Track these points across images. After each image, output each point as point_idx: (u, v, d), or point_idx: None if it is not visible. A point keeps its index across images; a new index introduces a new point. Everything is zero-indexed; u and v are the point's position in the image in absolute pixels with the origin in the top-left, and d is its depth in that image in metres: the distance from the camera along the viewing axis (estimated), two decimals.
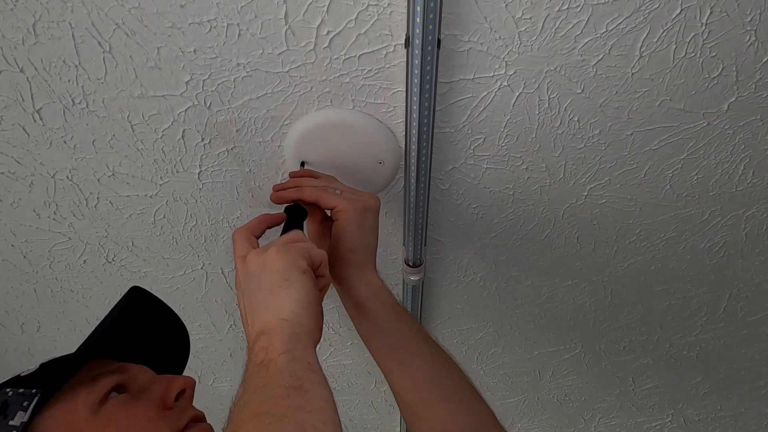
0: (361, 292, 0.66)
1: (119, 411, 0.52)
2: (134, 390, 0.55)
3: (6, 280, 0.98)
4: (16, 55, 0.62)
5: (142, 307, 0.64)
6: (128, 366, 0.58)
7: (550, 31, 0.61)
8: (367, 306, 0.65)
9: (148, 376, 0.58)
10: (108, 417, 0.51)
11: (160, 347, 0.67)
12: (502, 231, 0.91)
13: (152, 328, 0.67)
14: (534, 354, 1.25)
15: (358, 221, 0.67)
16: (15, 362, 1.23)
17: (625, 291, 1.05)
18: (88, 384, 0.52)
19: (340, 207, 0.66)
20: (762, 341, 1.20)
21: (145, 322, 0.66)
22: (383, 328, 0.65)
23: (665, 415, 1.49)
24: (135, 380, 0.56)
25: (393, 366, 0.64)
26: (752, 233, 0.92)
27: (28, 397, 0.51)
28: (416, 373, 0.63)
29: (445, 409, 0.61)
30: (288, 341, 0.48)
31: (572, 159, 0.78)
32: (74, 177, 0.78)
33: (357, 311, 0.66)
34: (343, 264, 0.66)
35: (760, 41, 0.62)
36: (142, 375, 0.58)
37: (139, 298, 0.64)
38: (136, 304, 0.63)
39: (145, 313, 0.65)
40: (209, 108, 0.69)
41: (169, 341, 0.68)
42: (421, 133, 0.67)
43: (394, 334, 0.65)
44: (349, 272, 0.66)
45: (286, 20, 0.59)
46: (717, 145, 0.76)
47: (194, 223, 0.87)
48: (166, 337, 0.68)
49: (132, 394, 0.55)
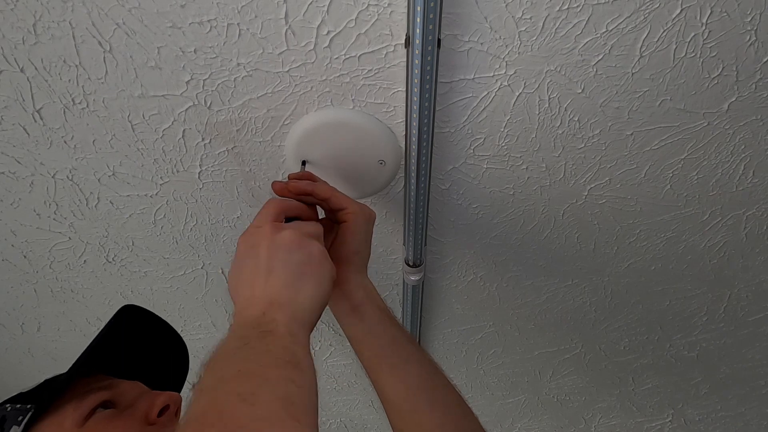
0: (358, 295, 0.66)
1: (102, 426, 0.53)
2: (121, 406, 0.57)
3: (6, 280, 0.98)
4: (17, 55, 0.62)
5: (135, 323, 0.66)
6: (119, 382, 0.59)
7: (551, 31, 0.61)
8: (363, 309, 0.65)
9: (137, 392, 0.59)
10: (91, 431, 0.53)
11: (157, 363, 0.68)
12: (502, 231, 0.91)
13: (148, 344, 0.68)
14: (534, 354, 1.25)
15: (365, 227, 0.67)
16: (15, 362, 1.23)
17: (625, 291, 1.05)
18: (76, 400, 0.54)
19: (351, 209, 0.65)
20: (762, 341, 1.20)
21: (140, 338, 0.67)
22: (377, 332, 0.65)
23: (665, 415, 1.49)
24: (123, 396, 0.58)
25: (385, 370, 0.64)
26: (752, 233, 0.92)
27: (23, 412, 0.53)
28: (408, 378, 0.63)
29: (435, 415, 0.62)
30: (294, 322, 0.49)
31: (572, 159, 0.78)
32: (74, 177, 0.78)
33: (352, 314, 0.66)
34: (347, 266, 0.66)
35: (761, 41, 0.62)
36: (132, 391, 0.59)
37: (132, 314, 0.65)
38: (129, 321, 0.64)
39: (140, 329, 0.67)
40: (209, 108, 0.69)
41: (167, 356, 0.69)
42: (421, 133, 0.67)
43: (388, 338, 0.65)
44: (351, 274, 0.66)
45: (286, 20, 0.59)
46: (717, 145, 0.76)
47: (194, 223, 0.87)
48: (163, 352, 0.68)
49: (118, 410, 0.56)
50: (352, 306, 0.66)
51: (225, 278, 1.00)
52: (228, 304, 1.06)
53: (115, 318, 0.63)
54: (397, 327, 0.66)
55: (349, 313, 0.66)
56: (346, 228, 0.66)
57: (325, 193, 0.65)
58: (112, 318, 0.63)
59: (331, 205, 0.66)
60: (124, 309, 0.65)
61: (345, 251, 0.65)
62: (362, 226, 0.66)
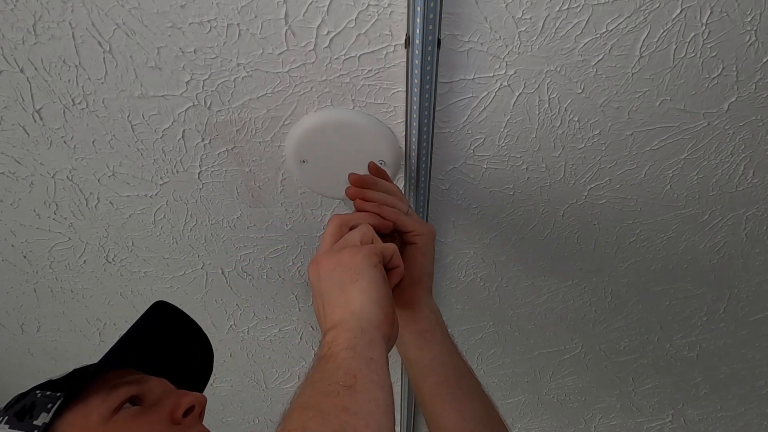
0: (429, 319, 0.64)
1: (129, 423, 0.54)
2: (148, 403, 0.57)
3: (6, 280, 0.98)
4: (16, 55, 0.62)
5: (165, 319, 0.66)
6: (147, 378, 0.60)
7: (551, 31, 0.61)
8: (433, 335, 0.63)
9: (164, 389, 0.59)
10: (117, 427, 0.53)
11: (183, 361, 0.68)
12: (502, 231, 0.91)
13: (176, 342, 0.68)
14: (534, 354, 1.25)
15: (433, 247, 0.66)
16: (15, 362, 1.23)
17: (625, 291, 1.05)
18: (104, 392, 0.55)
19: (419, 231, 0.64)
20: (762, 341, 1.20)
21: (169, 335, 0.67)
22: (444, 361, 0.63)
23: (665, 415, 1.49)
24: (150, 392, 0.58)
25: (447, 400, 0.61)
26: (752, 233, 0.92)
27: (53, 400, 0.53)
28: (467, 411, 0.61)
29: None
30: (353, 336, 0.48)
31: (572, 159, 0.78)
32: (74, 177, 0.78)
33: (420, 338, 0.63)
34: (418, 287, 0.64)
35: (760, 41, 0.62)
36: (159, 388, 0.59)
37: (163, 311, 0.66)
38: (160, 317, 0.65)
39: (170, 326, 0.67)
40: (209, 108, 0.69)
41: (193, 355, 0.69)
42: (421, 133, 0.67)
43: (452, 367, 0.63)
44: (422, 297, 0.64)
45: (286, 20, 0.59)
46: (717, 145, 0.76)
47: (194, 223, 0.87)
48: (190, 350, 0.69)
49: (145, 407, 0.56)
50: (420, 330, 0.64)
51: (225, 278, 1.00)
52: (228, 303, 1.06)
53: (147, 313, 0.63)
54: (460, 357, 0.65)
55: (416, 338, 0.64)
56: (415, 250, 0.64)
57: (391, 218, 0.63)
58: (144, 313, 0.63)
59: (397, 228, 0.64)
60: (156, 305, 0.65)
61: (417, 273, 0.64)
62: (431, 246, 0.65)
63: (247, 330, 1.14)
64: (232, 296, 1.04)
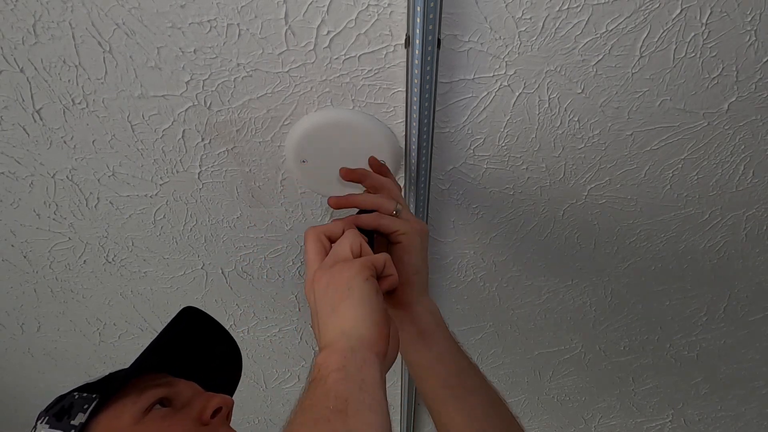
0: (426, 319, 0.63)
1: (159, 424, 0.56)
2: (177, 404, 0.59)
3: (6, 280, 0.98)
4: (16, 55, 0.62)
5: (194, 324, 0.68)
6: (177, 381, 0.61)
7: (550, 31, 0.61)
8: (432, 335, 0.62)
9: (193, 392, 0.61)
10: (147, 428, 0.55)
11: (212, 366, 0.70)
12: (502, 231, 0.91)
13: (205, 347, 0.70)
14: (534, 354, 1.25)
15: (421, 244, 0.64)
16: (15, 362, 1.23)
17: (625, 291, 1.05)
18: (135, 394, 0.57)
19: (402, 230, 0.62)
20: (762, 341, 1.20)
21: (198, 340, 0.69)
22: (446, 361, 0.62)
23: (665, 415, 1.49)
24: (180, 395, 0.60)
25: (449, 402, 0.60)
26: (752, 233, 0.92)
27: (89, 401, 0.56)
28: (472, 410, 0.60)
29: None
30: (343, 357, 0.46)
31: (572, 159, 0.78)
32: (74, 177, 0.78)
33: (419, 340, 0.62)
34: (409, 287, 0.62)
35: (760, 41, 0.62)
36: (187, 390, 0.61)
37: (192, 315, 0.68)
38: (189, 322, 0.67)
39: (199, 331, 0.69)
40: (209, 108, 0.69)
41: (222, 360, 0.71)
42: (421, 133, 0.67)
43: (455, 367, 0.62)
44: (415, 296, 0.63)
45: (286, 20, 0.59)
46: (717, 145, 0.76)
47: (194, 223, 0.87)
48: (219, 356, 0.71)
49: (174, 409, 0.58)
50: (419, 331, 0.62)
51: (225, 278, 1.00)
52: (228, 303, 1.06)
53: (177, 318, 0.65)
54: (464, 356, 0.63)
55: (415, 339, 0.62)
56: (401, 249, 0.62)
57: (370, 224, 0.62)
58: (173, 318, 0.65)
59: (381, 231, 0.63)
60: (185, 311, 0.67)
61: (404, 273, 0.61)
62: (417, 244, 0.63)
63: (247, 330, 1.14)
64: (232, 296, 1.04)
